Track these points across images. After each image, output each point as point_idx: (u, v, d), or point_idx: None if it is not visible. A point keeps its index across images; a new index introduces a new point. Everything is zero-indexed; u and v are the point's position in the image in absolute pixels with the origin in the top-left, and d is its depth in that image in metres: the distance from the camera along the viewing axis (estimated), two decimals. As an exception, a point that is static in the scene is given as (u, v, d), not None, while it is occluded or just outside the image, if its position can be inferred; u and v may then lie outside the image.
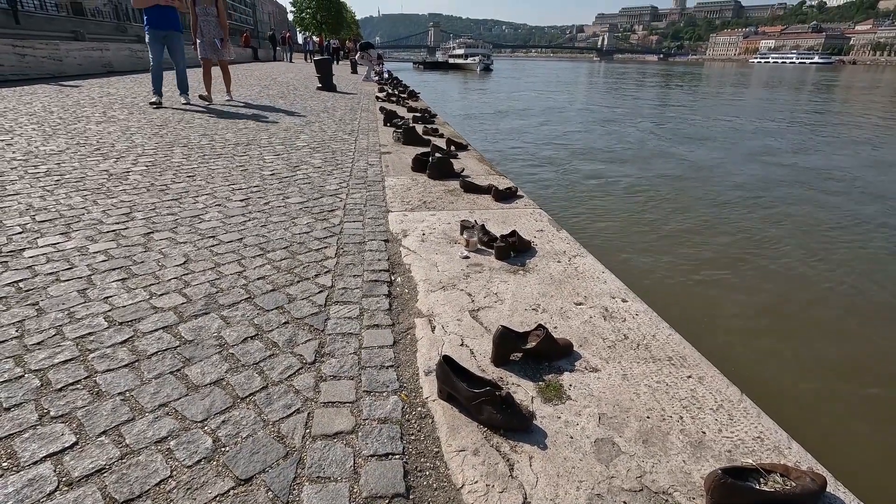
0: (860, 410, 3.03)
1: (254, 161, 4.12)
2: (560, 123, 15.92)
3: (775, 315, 4.12)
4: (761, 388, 2.92)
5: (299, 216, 2.81)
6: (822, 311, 4.24)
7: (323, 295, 1.92)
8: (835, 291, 4.58)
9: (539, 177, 8.75)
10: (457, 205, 3.17)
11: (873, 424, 2.91)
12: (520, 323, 1.76)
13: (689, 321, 3.84)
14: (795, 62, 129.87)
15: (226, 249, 2.30)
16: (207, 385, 1.38)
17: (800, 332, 3.89)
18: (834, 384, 3.28)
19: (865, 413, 3.01)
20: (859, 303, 4.37)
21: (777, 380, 3.27)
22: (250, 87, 10.90)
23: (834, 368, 3.45)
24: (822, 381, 3.31)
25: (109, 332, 1.61)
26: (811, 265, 5.11)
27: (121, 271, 2.03)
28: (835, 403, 3.10)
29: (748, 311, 4.18)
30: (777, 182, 8.46)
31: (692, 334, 1.89)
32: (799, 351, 3.64)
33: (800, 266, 5.09)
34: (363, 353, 1.57)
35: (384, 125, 6.34)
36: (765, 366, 3.41)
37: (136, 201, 2.94)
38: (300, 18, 47.78)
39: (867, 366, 3.48)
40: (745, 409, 1.37)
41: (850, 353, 3.63)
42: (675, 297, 4.36)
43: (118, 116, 6.01)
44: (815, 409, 3.03)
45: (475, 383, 1.33)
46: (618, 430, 1.28)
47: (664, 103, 24.33)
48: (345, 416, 1.30)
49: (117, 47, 14.39)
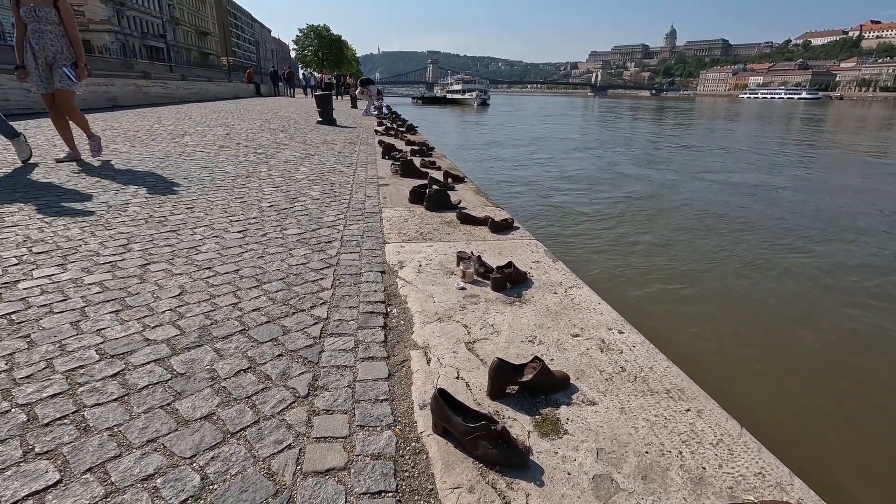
0: (864, 443, 2.97)
1: (253, 193, 4.16)
2: (557, 154, 16.20)
3: (773, 346, 4.09)
4: (761, 421, 2.87)
5: (296, 247, 2.82)
6: (822, 341, 4.21)
7: (318, 327, 1.91)
8: (836, 324, 4.56)
9: (534, 207, 8.83)
10: (453, 236, 3.19)
11: (878, 458, 2.85)
12: (516, 355, 1.75)
13: (686, 352, 3.81)
14: (784, 97, 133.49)
15: (221, 281, 2.30)
16: (198, 419, 1.36)
17: (799, 363, 3.85)
18: (835, 416, 3.23)
19: (870, 446, 2.95)
20: (861, 335, 4.34)
21: (776, 412, 3.22)
22: (251, 121, 11.12)
23: (835, 400, 3.40)
24: (823, 413, 3.26)
25: (100, 364, 1.59)
26: (810, 297, 5.11)
27: (115, 303, 2.02)
28: (837, 436, 3.04)
29: (745, 341, 4.15)
30: (776, 216, 8.55)
31: (689, 365, 1.87)
32: (799, 382, 3.60)
33: (797, 298, 5.09)
34: (357, 386, 1.55)
35: (382, 158, 6.44)
36: (763, 398, 3.36)
37: (134, 233, 2.95)
38: (302, 55, 49.24)
39: (871, 398, 3.44)
40: (746, 444, 1.34)
41: (852, 384, 3.59)
42: (671, 327, 4.34)
43: (120, 149, 6.10)
44: (816, 442, 2.97)
45: (471, 417, 1.31)
46: (616, 465, 1.25)
47: (658, 136, 24.84)
48: (337, 451, 1.27)
49: (123, 83, 14.77)
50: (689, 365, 1.94)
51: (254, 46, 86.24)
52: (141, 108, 13.47)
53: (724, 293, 5.15)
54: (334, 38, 49.32)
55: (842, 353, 4.03)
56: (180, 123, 9.88)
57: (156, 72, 26.18)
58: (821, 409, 3.30)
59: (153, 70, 27.04)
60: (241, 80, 31.75)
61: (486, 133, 25.63)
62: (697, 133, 27.34)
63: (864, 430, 3.11)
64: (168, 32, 50.34)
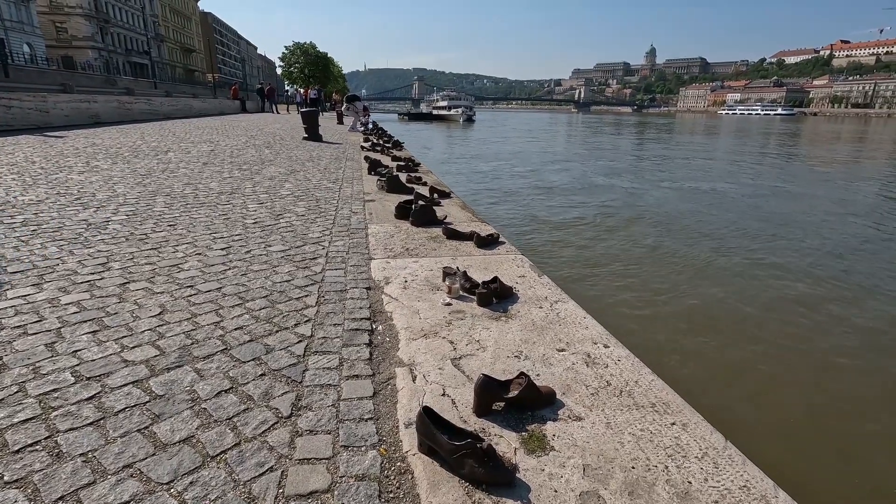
0: (848, 453, 3.00)
1: (237, 210, 4.13)
2: (540, 167, 16.38)
3: (756, 357, 4.14)
4: (745, 432, 2.88)
5: (281, 264, 2.80)
6: (806, 352, 4.27)
7: (302, 345, 1.88)
8: (818, 332, 4.64)
9: (519, 220, 8.90)
10: (439, 251, 3.19)
11: (860, 469, 2.88)
12: (502, 371, 1.74)
13: (671, 364, 3.83)
14: (761, 113, 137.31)
15: (204, 299, 2.26)
16: (176, 443, 1.32)
17: (783, 374, 3.90)
18: (818, 427, 3.27)
19: (853, 458, 2.98)
20: (843, 344, 4.42)
21: (760, 423, 3.24)
22: (236, 138, 11.08)
23: (818, 411, 3.44)
24: (806, 423, 3.29)
25: (75, 388, 1.54)
26: (792, 308, 5.19)
27: (92, 323, 1.98)
28: (820, 447, 3.07)
29: (728, 351, 4.20)
30: (757, 228, 8.72)
31: (674, 377, 1.88)
32: (782, 393, 3.64)
33: (780, 309, 5.17)
34: (342, 405, 1.52)
35: (369, 174, 6.45)
36: (747, 408, 3.39)
37: (114, 251, 2.90)
38: (288, 72, 49.38)
39: (854, 408, 3.49)
40: (730, 457, 1.35)
41: (834, 395, 3.64)
42: (656, 338, 4.37)
43: (101, 166, 6.02)
44: (800, 453, 2.99)
45: (456, 435, 1.30)
46: (603, 481, 1.24)
47: (642, 151, 25.31)
48: (321, 473, 1.24)
49: (105, 99, 14.65)
50: (674, 376, 1.95)
51: (240, 63, 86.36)
52: (124, 124, 13.34)
53: (709, 304, 5.21)
54: (320, 56, 49.58)
55: (823, 364, 4.09)
56: (164, 140, 9.80)
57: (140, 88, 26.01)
58: (804, 419, 3.33)
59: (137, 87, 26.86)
60: (227, 96, 31.69)
61: (472, 147, 25.88)
62: (680, 147, 27.93)
63: (848, 441, 3.14)
64: (153, 49, 50.12)
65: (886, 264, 6.65)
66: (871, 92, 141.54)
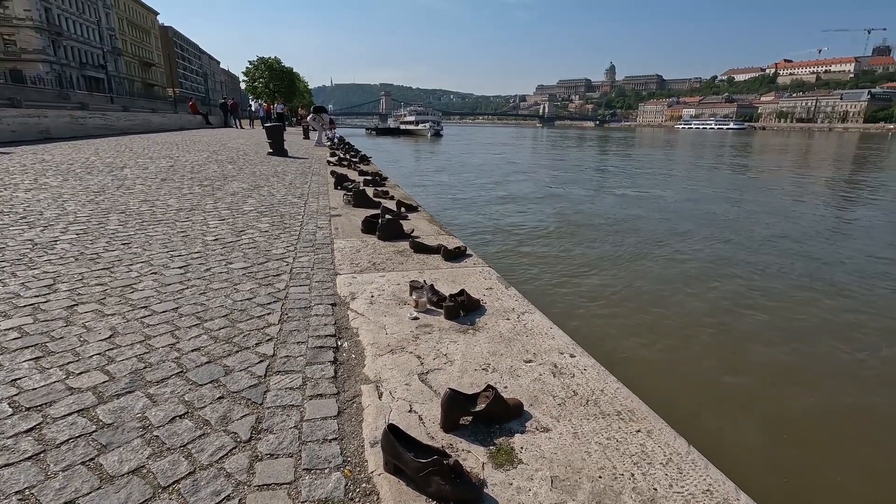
0: (806, 454, 3.11)
1: (197, 227, 3.99)
2: (506, 180, 16.62)
3: (718, 361, 4.27)
4: (706, 436, 2.96)
5: (242, 282, 2.71)
6: (764, 354, 4.43)
7: (263, 365, 1.81)
8: (781, 337, 4.82)
9: (486, 231, 8.97)
10: (406, 265, 3.17)
11: (820, 467, 2.99)
12: (470, 384, 1.72)
13: (635, 371, 3.90)
14: (714, 128, 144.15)
15: (158, 320, 2.16)
16: (124, 475, 1.24)
17: (743, 378, 4.03)
18: (776, 429, 3.38)
19: (813, 456, 3.09)
20: (808, 348, 4.60)
21: (721, 426, 3.33)
22: (198, 153, 10.79)
23: (776, 412, 3.56)
24: (766, 425, 3.40)
25: (13, 419, 1.43)
26: (753, 314, 5.39)
27: (35, 349, 1.85)
28: (779, 448, 3.17)
29: (689, 358, 4.31)
30: (716, 237, 9.07)
31: (638, 385, 1.91)
32: (740, 396, 3.76)
33: (737, 313, 5.36)
34: (305, 426, 1.47)
35: (335, 188, 6.38)
36: (709, 413, 3.48)
37: (62, 272, 2.74)
38: (253, 87, 48.63)
39: (814, 408, 3.63)
40: (694, 462, 1.37)
41: (794, 396, 3.78)
42: (620, 347, 4.45)
43: (50, 183, 5.74)
44: (760, 455, 3.08)
45: (423, 453, 1.27)
46: (570, 493, 1.24)
47: (604, 165, 26.06)
48: (281, 499, 1.19)
49: (57, 114, 14.04)
50: (639, 384, 1.98)
51: (202, 78, 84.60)
52: (77, 140, 12.79)
53: (672, 310, 5.35)
54: (285, 70, 49.08)
55: (782, 366, 4.25)
56: (120, 155, 9.44)
57: (95, 103, 25.08)
58: (763, 421, 3.44)
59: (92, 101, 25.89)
60: (186, 111, 30.92)
61: (440, 161, 26.04)
62: (640, 161, 28.91)
63: (807, 442, 3.26)
64: (109, 63, 48.53)
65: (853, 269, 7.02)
66: (813, 108, 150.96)
